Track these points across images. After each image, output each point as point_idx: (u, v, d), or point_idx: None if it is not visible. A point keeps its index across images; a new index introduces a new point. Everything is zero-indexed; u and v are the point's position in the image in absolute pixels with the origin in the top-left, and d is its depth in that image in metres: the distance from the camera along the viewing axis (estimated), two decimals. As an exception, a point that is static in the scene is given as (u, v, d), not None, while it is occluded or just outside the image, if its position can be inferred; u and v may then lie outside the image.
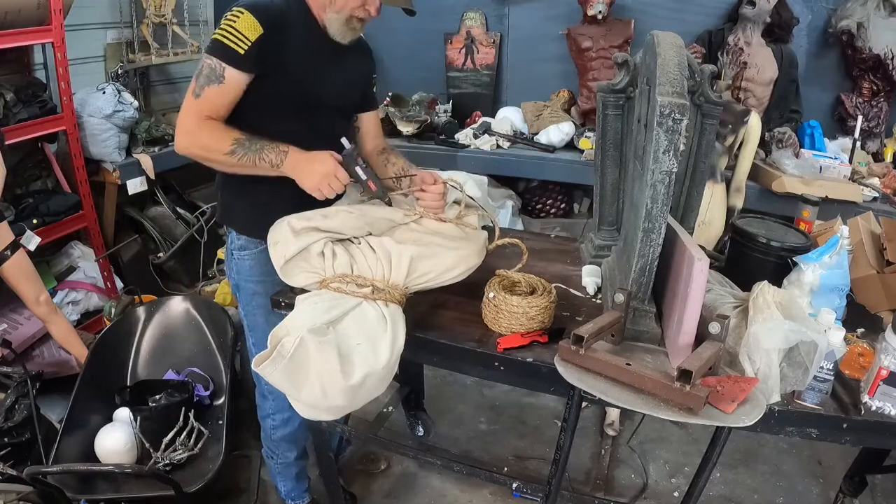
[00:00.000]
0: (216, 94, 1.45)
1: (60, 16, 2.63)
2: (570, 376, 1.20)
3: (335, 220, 1.46)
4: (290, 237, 1.42)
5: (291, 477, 2.02)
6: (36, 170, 2.89)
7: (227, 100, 1.48)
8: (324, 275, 1.40)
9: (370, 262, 1.41)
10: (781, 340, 1.16)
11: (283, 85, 1.51)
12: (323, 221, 1.44)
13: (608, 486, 2.29)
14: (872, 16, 2.82)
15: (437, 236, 1.49)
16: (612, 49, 3.12)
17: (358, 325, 1.33)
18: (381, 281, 1.39)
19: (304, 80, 1.53)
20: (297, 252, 1.41)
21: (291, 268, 1.43)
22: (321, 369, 1.22)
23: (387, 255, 1.41)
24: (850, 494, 1.99)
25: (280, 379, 1.24)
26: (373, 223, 1.49)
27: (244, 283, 1.75)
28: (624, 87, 1.53)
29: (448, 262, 1.44)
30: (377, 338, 1.31)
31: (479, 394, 2.81)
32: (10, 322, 2.44)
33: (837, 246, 1.40)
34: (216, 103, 1.47)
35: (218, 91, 1.45)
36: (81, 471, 1.87)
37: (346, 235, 1.46)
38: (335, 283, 1.39)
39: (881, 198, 2.66)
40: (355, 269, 1.41)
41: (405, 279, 1.40)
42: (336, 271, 1.40)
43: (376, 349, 1.29)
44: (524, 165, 3.21)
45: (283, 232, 1.43)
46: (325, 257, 1.41)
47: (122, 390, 2.11)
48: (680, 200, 1.61)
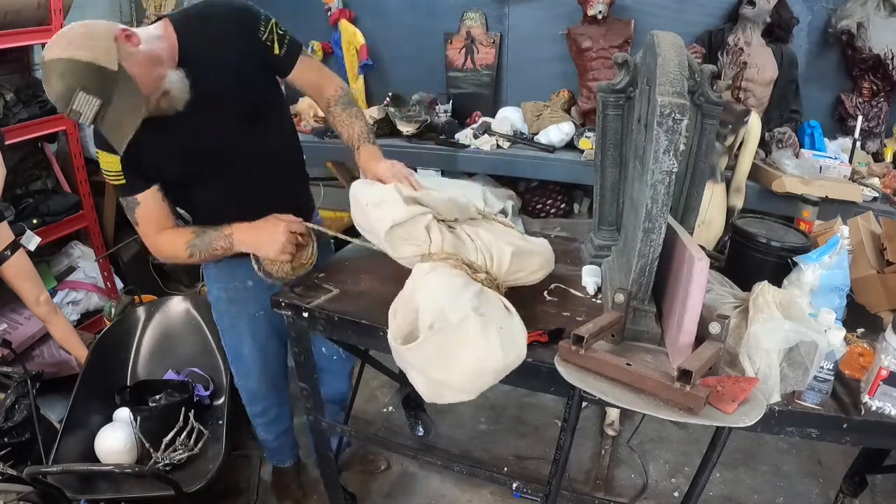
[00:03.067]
0: (143, 213, 1.53)
1: (60, 16, 2.63)
2: (570, 376, 1.19)
3: (430, 198, 1.41)
4: (399, 201, 1.36)
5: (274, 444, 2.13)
6: (36, 170, 2.89)
7: (155, 214, 1.54)
8: (429, 249, 1.35)
9: (470, 250, 1.38)
10: (781, 340, 1.16)
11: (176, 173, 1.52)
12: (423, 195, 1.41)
13: (608, 486, 2.29)
14: (872, 16, 2.82)
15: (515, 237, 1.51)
16: (612, 49, 3.12)
17: (495, 308, 1.28)
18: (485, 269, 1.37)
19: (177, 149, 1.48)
20: (408, 219, 1.35)
21: (397, 236, 1.36)
22: (481, 346, 1.17)
23: (487, 246, 1.39)
24: (850, 494, 1.99)
25: (431, 352, 1.17)
26: (461, 210, 1.47)
27: (210, 287, 1.82)
28: (624, 87, 1.53)
29: (536, 264, 1.47)
30: (510, 322, 1.27)
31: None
32: (10, 322, 2.44)
33: (837, 246, 1.40)
34: (149, 218, 1.54)
35: (141, 211, 1.53)
36: (81, 471, 1.87)
37: (440, 215, 1.43)
38: (452, 261, 1.33)
39: (881, 198, 2.65)
40: (463, 251, 1.38)
41: (504, 273, 1.40)
42: (445, 249, 1.35)
43: (513, 333, 1.25)
44: (524, 165, 3.21)
45: (391, 193, 1.38)
46: (431, 233, 1.36)
47: (122, 390, 2.11)
48: (680, 200, 1.61)
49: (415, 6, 3.48)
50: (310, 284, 1.62)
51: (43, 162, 2.92)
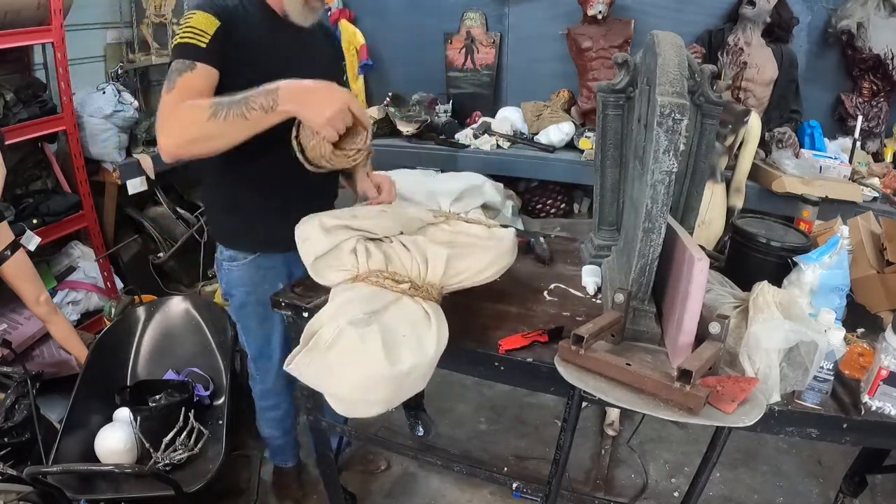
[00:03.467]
0: (190, 79, 1.38)
1: (60, 16, 2.63)
2: (570, 376, 1.19)
3: (366, 219, 1.42)
4: (321, 234, 1.38)
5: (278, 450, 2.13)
6: (36, 170, 2.89)
7: (202, 83, 1.39)
8: (357, 271, 1.36)
9: (405, 261, 1.37)
10: (781, 340, 1.16)
11: (252, 76, 1.37)
12: (353, 220, 1.41)
13: (608, 486, 2.29)
14: (872, 16, 2.82)
15: (470, 236, 1.48)
16: (612, 49, 3.12)
17: (402, 316, 1.27)
18: (417, 279, 1.36)
19: (271, 70, 1.40)
20: (328, 249, 1.37)
21: (322, 266, 1.39)
22: (364, 359, 1.15)
23: (422, 253, 1.38)
24: (850, 494, 1.99)
25: (316, 373, 1.18)
26: (404, 223, 1.46)
27: (234, 291, 1.78)
28: (624, 87, 1.53)
29: (483, 262, 1.41)
30: (422, 331, 1.26)
31: (479, 394, 2.81)
32: (10, 322, 2.44)
33: (837, 246, 1.40)
34: (191, 86, 1.37)
35: (191, 76, 1.38)
36: (81, 471, 1.86)
37: (378, 235, 1.43)
38: (373, 277, 1.34)
39: (881, 198, 2.66)
40: (390, 266, 1.37)
41: (441, 278, 1.37)
42: (370, 269, 1.36)
43: (422, 341, 1.23)
44: (524, 165, 3.21)
45: (314, 229, 1.40)
46: (357, 255, 1.37)
47: (122, 390, 2.11)
48: (680, 200, 1.61)
49: (415, 6, 3.49)
50: (309, 284, 1.62)
51: (43, 162, 2.91)
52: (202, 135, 1.33)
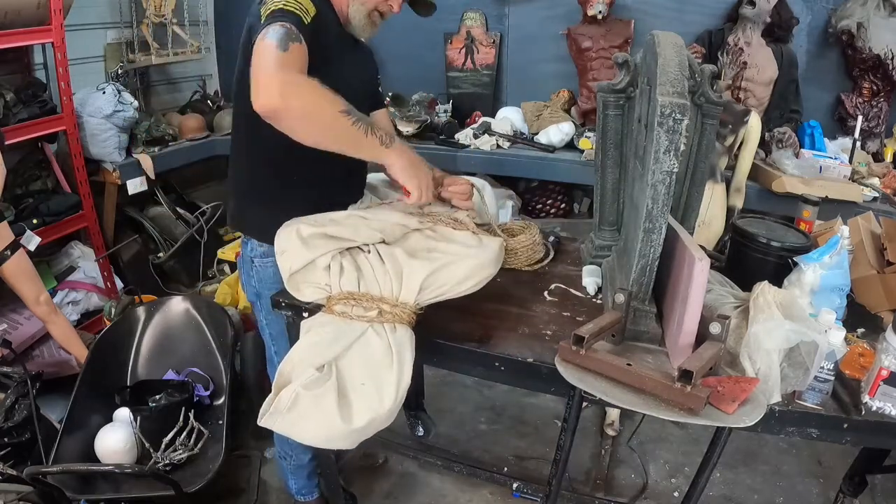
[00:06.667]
0: (301, 53, 1.30)
1: (60, 16, 2.63)
2: (571, 376, 1.19)
3: (346, 226, 1.40)
4: (298, 246, 1.37)
5: (304, 476, 2.02)
6: (36, 170, 2.89)
7: (302, 62, 1.30)
8: (330, 291, 1.37)
9: (378, 275, 1.35)
10: (782, 341, 1.16)
11: (321, 76, 1.32)
12: (334, 227, 1.39)
13: (608, 486, 2.29)
14: (872, 16, 2.82)
15: (453, 244, 1.43)
16: (612, 49, 3.12)
17: (363, 360, 1.29)
18: (389, 299, 1.33)
19: (332, 73, 1.37)
20: (303, 266, 1.37)
21: (298, 281, 1.39)
22: (320, 420, 1.22)
23: (397, 269, 1.35)
24: (850, 494, 1.99)
25: (282, 429, 1.25)
26: (385, 229, 1.43)
27: (267, 291, 1.65)
28: (624, 87, 1.53)
29: (462, 274, 1.36)
30: (382, 376, 1.27)
31: (479, 394, 2.81)
32: (10, 322, 2.44)
33: (838, 246, 1.40)
34: (297, 59, 1.29)
35: (301, 50, 1.30)
36: (81, 471, 1.87)
37: (357, 243, 1.41)
38: (339, 307, 1.34)
39: (881, 198, 2.65)
40: (362, 285, 1.35)
41: (416, 296, 1.34)
42: (343, 288, 1.35)
43: (381, 389, 1.26)
44: (524, 165, 3.21)
45: (291, 240, 1.38)
46: (331, 272, 1.37)
47: (122, 390, 2.11)
48: (680, 200, 1.61)
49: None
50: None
51: (43, 162, 2.91)
52: (317, 114, 1.30)
